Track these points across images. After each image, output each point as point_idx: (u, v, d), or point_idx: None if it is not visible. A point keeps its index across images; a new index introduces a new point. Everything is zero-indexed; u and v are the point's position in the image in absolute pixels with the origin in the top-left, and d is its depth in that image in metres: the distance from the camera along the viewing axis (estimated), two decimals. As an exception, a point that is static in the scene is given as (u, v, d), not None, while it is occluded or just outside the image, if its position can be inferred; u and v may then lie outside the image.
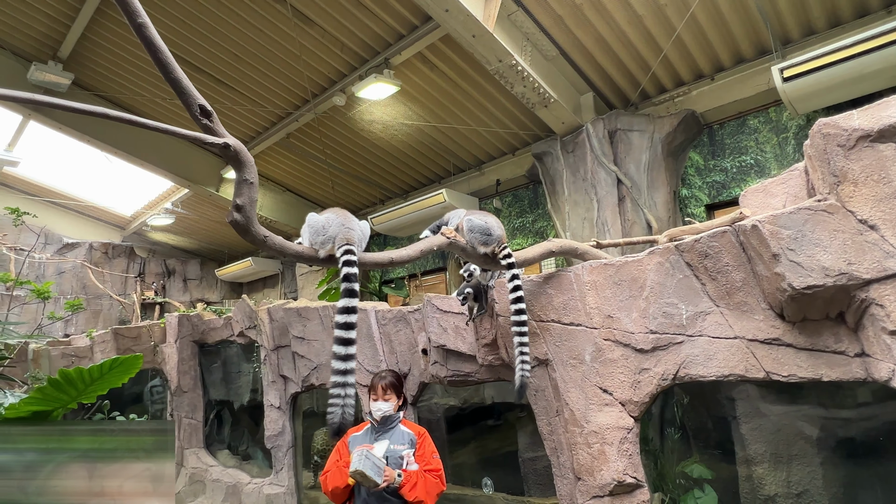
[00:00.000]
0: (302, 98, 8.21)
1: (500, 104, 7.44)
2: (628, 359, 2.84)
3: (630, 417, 2.83)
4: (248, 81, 8.02)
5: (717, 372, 2.60)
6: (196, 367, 7.59)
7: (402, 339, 4.51)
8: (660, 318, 2.75)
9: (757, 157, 6.28)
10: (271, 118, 8.91)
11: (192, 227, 13.43)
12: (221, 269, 13.91)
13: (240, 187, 1.79)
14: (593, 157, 6.61)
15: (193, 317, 7.59)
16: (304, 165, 10.07)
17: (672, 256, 2.75)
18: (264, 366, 6.02)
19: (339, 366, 2.11)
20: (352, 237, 2.31)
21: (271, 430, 5.90)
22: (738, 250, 2.54)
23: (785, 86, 5.16)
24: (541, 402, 3.17)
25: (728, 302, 2.57)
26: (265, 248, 2.00)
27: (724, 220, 2.62)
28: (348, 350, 2.14)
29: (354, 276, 2.19)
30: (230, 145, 1.68)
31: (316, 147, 9.29)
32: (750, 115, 6.37)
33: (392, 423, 2.90)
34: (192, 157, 10.20)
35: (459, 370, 3.87)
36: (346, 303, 2.17)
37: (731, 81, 6.33)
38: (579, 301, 3.00)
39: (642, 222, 6.35)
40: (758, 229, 2.34)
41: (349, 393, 2.12)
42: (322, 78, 7.73)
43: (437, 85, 7.33)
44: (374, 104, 7.76)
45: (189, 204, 11.97)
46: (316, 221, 2.35)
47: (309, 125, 8.70)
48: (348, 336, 2.15)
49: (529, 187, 8.49)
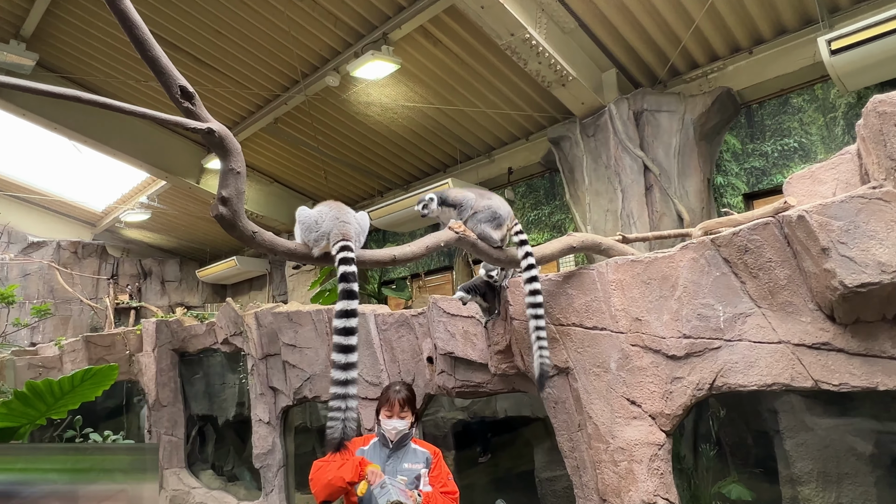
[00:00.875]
0: (291, 79, 8.20)
1: (512, 83, 7.41)
2: (659, 366, 2.84)
3: (661, 432, 2.82)
4: (230, 60, 8.02)
5: (759, 381, 2.58)
6: (176, 379, 7.62)
7: (404, 346, 4.51)
8: (694, 320, 2.74)
9: (801, 139, 6.24)
10: (257, 101, 8.90)
11: (171, 223, 13.46)
12: (203, 270, 13.94)
13: (226, 178, 1.79)
14: (617, 141, 6.59)
15: (172, 323, 7.62)
16: (294, 154, 10.07)
17: (707, 252, 2.74)
18: (251, 377, 6.04)
19: (339, 375, 2.12)
20: (348, 232, 2.31)
21: (260, 448, 5.91)
22: (782, 244, 2.52)
23: (833, 59, 5.10)
24: (561, 416, 3.18)
25: (771, 302, 2.56)
26: (254, 245, 2.00)
27: (767, 210, 2.61)
28: (349, 358, 2.15)
29: (353, 275, 2.20)
30: (215, 131, 1.68)
31: (307, 133, 9.29)
32: (793, 92, 6.32)
33: (405, 441, 2.93)
34: (170, 145, 10.23)
35: (469, 380, 3.87)
36: (344, 305, 2.18)
37: (772, 55, 6.27)
38: (603, 302, 2.99)
39: (672, 214, 6.33)
40: (805, 220, 2.31)
41: (351, 406, 2.13)
42: (313, 56, 7.72)
43: (442, 62, 7.31)
44: (372, 85, 7.75)
45: (167, 198, 11.98)
46: (307, 217, 2.36)
47: (299, 109, 8.69)
48: (348, 342, 2.16)
49: (545, 176, 8.48)
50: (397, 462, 2.87)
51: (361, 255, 2.37)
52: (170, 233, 14.16)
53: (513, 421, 4.90)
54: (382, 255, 2.44)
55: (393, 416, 2.92)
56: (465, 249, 2.79)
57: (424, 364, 4.30)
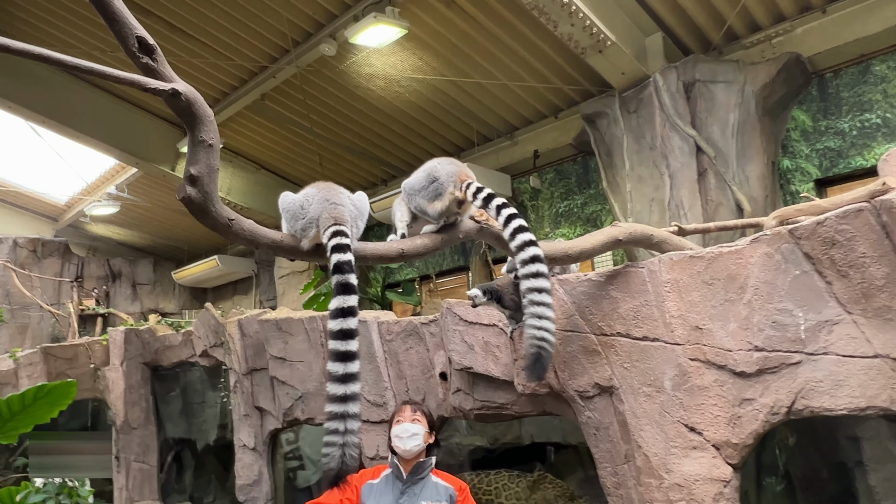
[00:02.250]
0: (280, 48, 8.18)
1: (540, 51, 7.34)
2: (724, 385, 2.75)
3: (727, 465, 2.73)
4: (209, 26, 7.98)
5: (850, 403, 2.49)
6: (148, 397, 7.60)
7: (413, 359, 4.46)
8: (768, 329, 2.66)
9: (886, 114, 6.10)
10: (241, 75, 8.87)
11: (143, 217, 13.50)
12: (180, 272, 13.99)
13: (195, 151, 1.69)
14: (664, 117, 6.51)
15: (144, 332, 7.59)
16: (284, 136, 10.06)
17: (785, 245, 2.64)
18: (234, 395, 6.00)
19: (336, 390, 2.04)
20: (341, 215, 2.22)
21: (244, 479, 5.87)
22: (879, 235, 2.41)
23: None
24: (603, 444, 3.10)
25: (865, 307, 2.47)
26: (230, 236, 1.90)
27: (860, 194, 2.49)
28: (348, 367, 2.06)
29: (349, 264, 2.10)
30: (180, 92, 1.58)
31: (299, 111, 9.27)
32: (876, 58, 6.19)
33: (423, 472, 2.86)
34: (141, 126, 10.25)
35: (491, 401, 3.80)
36: (340, 302, 2.08)
37: (850, 14, 6.13)
38: (656, 307, 2.91)
39: (730, 204, 6.25)
40: None
41: (351, 427, 2.04)
42: (306, 20, 7.67)
43: (456, 27, 7.25)
44: (374, 53, 7.72)
45: (138, 187, 12.02)
46: (291, 203, 2.28)
47: (289, 83, 8.67)
48: (347, 348, 2.07)
49: (577, 160, 8.42)
50: (413, 499, 2.80)
51: (362, 248, 2.27)
52: (142, 228, 14.24)
53: (540, 448, 4.89)
54: (387, 250, 2.33)
55: (404, 420, 2.88)
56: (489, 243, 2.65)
57: (437, 381, 4.25)
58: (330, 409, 2.07)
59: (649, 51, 6.78)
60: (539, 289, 2.48)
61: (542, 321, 2.47)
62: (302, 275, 11.25)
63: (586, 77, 7.49)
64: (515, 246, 2.50)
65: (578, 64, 7.31)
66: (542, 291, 2.48)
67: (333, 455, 2.02)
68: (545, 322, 2.47)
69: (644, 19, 6.67)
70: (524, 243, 2.49)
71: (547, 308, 2.48)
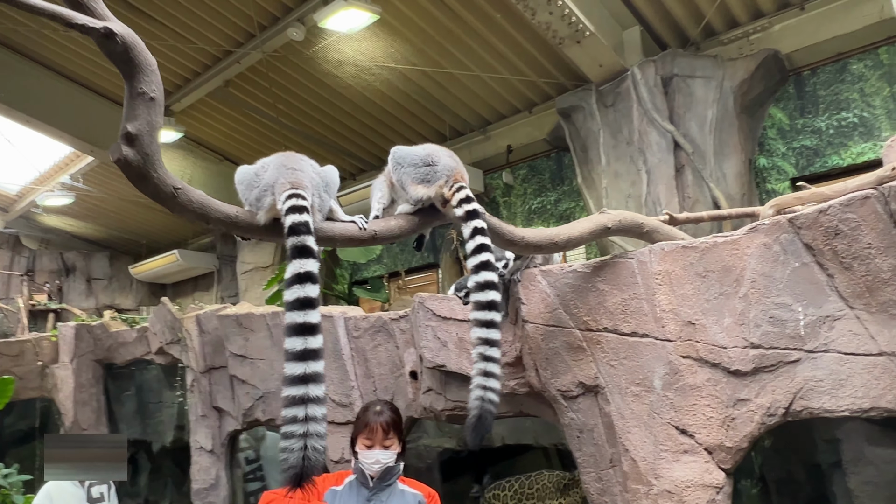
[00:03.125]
0: (245, 32, 8.03)
1: (515, 43, 7.30)
2: (718, 385, 2.66)
3: (720, 470, 2.64)
4: (171, 8, 7.76)
5: (852, 404, 2.43)
6: (99, 396, 7.37)
7: (381, 357, 4.38)
8: (765, 325, 2.59)
9: (862, 113, 6.15)
10: (204, 60, 8.68)
11: (99, 208, 13.20)
12: (138, 266, 13.72)
13: (133, 105, 1.46)
14: (641, 112, 6.50)
15: (96, 328, 7.37)
16: (248, 125, 9.91)
17: (784, 236, 2.57)
18: (191, 394, 5.84)
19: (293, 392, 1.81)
20: (299, 180, 2.04)
21: (201, 483, 5.71)
22: (886, 224, 2.34)
23: None
24: (587, 448, 2.98)
25: (868, 302, 2.41)
26: (176, 207, 1.68)
27: (866, 180, 2.37)
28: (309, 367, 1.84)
29: (305, 225, 1.90)
30: (115, 33, 1.33)
31: (264, 100, 9.12)
32: (853, 56, 6.24)
33: (390, 479, 2.72)
34: (98, 113, 9.93)
35: (464, 401, 3.68)
36: (297, 267, 1.89)
37: (829, 11, 6.17)
38: (646, 301, 2.81)
39: (707, 200, 6.26)
40: None
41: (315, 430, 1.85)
42: (273, 3, 7.54)
43: (430, 15, 7.16)
44: (344, 39, 7.60)
45: (94, 177, 11.74)
46: (245, 173, 2.13)
47: (255, 69, 8.53)
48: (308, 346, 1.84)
49: (552, 156, 8.40)
50: None
51: (329, 228, 2.08)
52: (98, 220, 13.93)
53: (511, 450, 4.85)
54: (359, 231, 2.11)
55: (374, 446, 2.69)
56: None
57: (406, 380, 4.15)
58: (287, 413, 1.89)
59: (627, 44, 6.78)
60: (492, 341, 2.42)
61: (489, 380, 2.43)
62: (266, 270, 11.11)
63: (562, 71, 7.48)
64: (476, 282, 2.41)
65: (554, 57, 7.32)
66: (494, 345, 2.43)
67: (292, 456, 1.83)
68: (492, 381, 2.43)
69: (622, 12, 6.67)
70: (485, 283, 2.40)
71: (496, 365, 2.44)
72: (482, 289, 2.36)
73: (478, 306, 2.40)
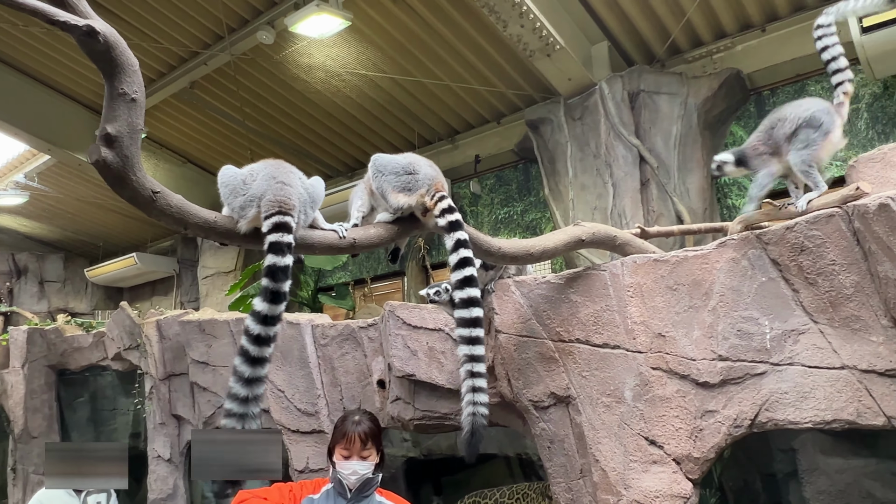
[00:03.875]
0: (213, 33, 7.90)
1: (485, 54, 7.31)
2: (687, 396, 2.68)
3: (688, 481, 2.66)
4: (137, 6, 7.59)
5: (816, 416, 2.46)
6: (52, 403, 7.22)
7: (348, 365, 4.34)
8: (732, 338, 2.62)
9: None
10: (169, 60, 8.53)
11: (54, 209, 12.86)
12: (94, 269, 13.43)
13: (113, 106, 1.42)
14: (608, 126, 6.57)
15: (50, 332, 7.22)
16: (213, 128, 9.77)
17: (752, 251, 2.62)
18: (149, 402, 5.77)
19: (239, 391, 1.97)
20: (288, 198, 2.01)
21: (158, 492, 5.63)
22: (850, 242, 2.40)
23: (864, 38, 5.15)
24: (558, 458, 2.98)
25: (832, 316, 2.46)
26: (154, 212, 1.63)
27: (831, 198, 2.42)
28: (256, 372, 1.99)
29: (283, 270, 1.97)
30: (98, 31, 1.30)
31: (230, 103, 8.98)
32: (811, 78, 6.39)
33: (368, 490, 2.67)
34: (56, 110, 9.67)
35: (433, 410, 3.68)
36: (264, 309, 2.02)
37: (789, 34, 6.32)
38: (617, 313, 2.83)
39: (671, 214, 6.34)
40: (889, 210, 2.18)
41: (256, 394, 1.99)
42: (243, 5, 7.43)
43: (401, 23, 7.14)
44: (315, 45, 7.54)
45: (50, 177, 11.46)
46: (232, 177, 2.07)
47: (222, 71, 8.41)
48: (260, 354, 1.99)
49: (519, 167, 8.43)
50: None
51: (308, 236, 2.05)
52: (53, 221, 13.58)
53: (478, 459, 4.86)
54: (338, 240, 2.09)
55: (352, 457, 2.63)
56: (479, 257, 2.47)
57: (374, 389, 4.13)
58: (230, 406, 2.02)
59: (595, 59, 6.84)
60: (478, 357, 2.46)
61: (477, 395, 2.47)
62: (228, 275, 10.91)
63: (531, 83, 7.52)
64: (460, 298, 2.43)
65: (523, 69, 7.35)
66: (480, 360, 2.46)
67: None
68: (480, 395, 2.47)
69: (591, 27, 6.73)
70: (469, 299, 2.42)
71: (483, 379, 2.47)
72: (466, 305, 2.37)
73: (463, 323, 2.40)
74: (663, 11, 6.40)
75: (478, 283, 2.40)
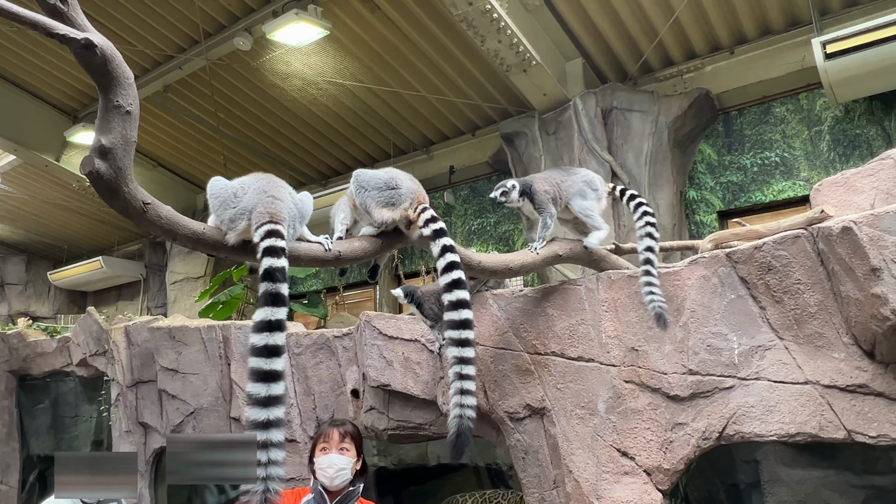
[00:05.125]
0: (189, 37, 7.82)
1: (461, 67, 7.35)
2: (658, 409, 2.73)
3: (657, 491, 2.71)
4: (112, 8, 7.47)
5: (780, 429, 2.52)
6: (12, 409, 7.13)
7: (322, 374, 4.31)
8: (702, 353, 2.68)
9: (784, 153, 6.47)
10: (144, 63, 8.40)
11: (17, 210, 12.57)
12: (57, 272, 13.13)
13: (108, 118, 1.42)
14: (582, 141, 6.63)
15: (12, 336, 7.12)
16: (186, 132, 9.64)
17: (721, 269, 2.69)
18: (115, 409, 5.67)
19: (257, 415, 1.79)
20: (278, 211, 2.01)
21: None
22: (814, 263, 2.48)
23: (827, 64, 5.30)
24: (532, 469, 3.00)
25: (796, 333, 2.53)
26: (144, 222, 1.63)
27: (797, 220, 2.52)
28: (272, 390, 1.82)
29: (282, 272, 1.90)
30: (95, 45, 1.31)
31: (204, 108, 8.88)
32: (776, 100, 6.57)
33: (350, 502, 2.66)
34: (22, 110, 9.46)
35: (408, 420, 3.68)
36: (267, 314, 1.86)
37: (756, 57, 6.50)
38: (592, 327, 2.88)
39: None
40: (852, 234, 2.25)
41: (274, 458, 1.81)
42: (220, 11, 7.37)
43: (379, 34, 7.15)
44: (292, 52, 7.49)
45: (15, 177, 11.20)
46: (223, 189, 2.04)
47: (196, 76, 8.32)
48: (272, 367, 1.83)
49: (492, 178, 8.44)
50: None
51: (294, 248, 2.06)
52: (16, 223, 13.25)
53: (444, 469, 4.83)
54: (323, 252, 2.10)
55: (330, 450, 2.64)
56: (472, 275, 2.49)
57: (347, 398, 4.09)
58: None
59: (569, 75, 6.92)
60: (467, 359, 2.46)
61: (465, 397, 2.46)
62: (197, 281, 10.72)
63: (505, 96, 7.56)
64: (449, 301, 2.44)
65: (498, 83, 7.39)
66: (469, 363, 2.46)
67: (255, 490, 1.78)
68: (468, 398, 2.46)
69: (566, 44, 6.80)
70: (459, 302, 2.43)
71: (472, 382, 2.46)
72: (456, 307, 2.38)
73: (452, 325, 2.41)
74: (636, 31, 6.51)
75: (466, 285, 2.41)
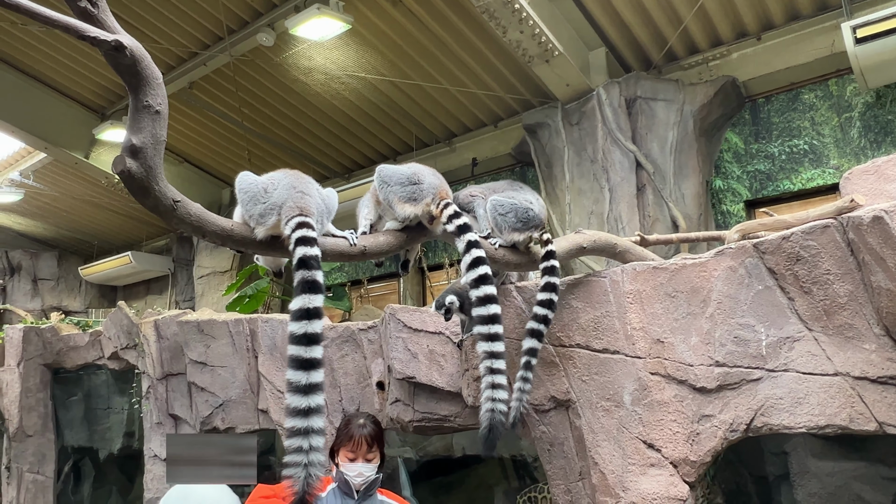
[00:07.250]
0: (213, 34, 7.91)
1: (483, 58, 7.34)
2: (684, 401, 2.70)
3: (684, 483, 2.67)
4: (137, 6, 7.58)
5: (809, 421, 2.49)
6: (47, 402, 7.19)
7: (348, 367, 4.34)
8: (729, 344, 2.65)
9: (812, 141, 6.37)
10: (169, 60, 8.51)
11: (49, 207, 12.83)
12: (88, 267, 13.41)
13: (138, 118, 1.46)
14: (606, 131, 6.61)
15: (46, 331, 7.17)
16: (211, 128, 9.76)
17: (749, 260, 2.64)
18: (146, 401, 5.72)
19: (297, 402, 1.83)
20: (307, 206, 2.05)
21: (154, 491, 5.53)
22: (844, 253, 2.43)
23: (857, 49, 5.21)
24: (557, 461, 2.99)
25: (826, 324, 2.49)
26: (173, 220, 1.67)
27: (827, 210, 2.48)
28: (312, 377, 1.86)
29: (315, 260, 1.93)
30: (125, 46, 1.34)
31: (229, 104, 8.99)
32: (805, 87, 6.47)
33: (372, 490, 2.74)
34: (53, 109, 9.65)
35: (433, 412, 3.69)
36: (304, 302, 1.91)
37: (784, 43, 6.40)
38: (617, 319, 2.85)
39: (666, 220, 6.38)
40: (883, 223, 2.21)
41: (315, 444, 1.85)
42: (243, 7, 7.44)
43: (401, 27, 7.16)
44: (315, 47, 7.54)
45: (46, 175, 11.43)
46: (252, 184, 2.07)
47: (221, 72, 8.41)
48: (311, 355, 1.88)
49: (515, 170, 8.46)
50: None
51: (321, 243, 2.08)
52: (47, 219, 13.54)
53: (470, 460, 4.84)
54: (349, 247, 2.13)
55: (357, 459, 2.69)
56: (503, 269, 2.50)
57: (373, 390, 4.13)
58: (291, 424, 1.90)
59: (592, 65, 6.88)
60: (497, 354, 2.49)
61: (497, 391, 2.47)
62: (224, 275, 10.88)
63: (528, 87, 7.54)
64: (477, 296, 2.46)
65: (521, 73, 7.37)
66: (500, 357, 2.48)
67: (297, 476, 1.82)
68: (500, 392, 2.47)
69: (589, 34, 6.77)
70: (486, 297, 2.45)
71: (503, 376, 2.48)
72: (483, 303, 2.40)
73: (481, 320, 2.43)
74: (661, 19, 6.45)
75: (493, 280, 2.42)
